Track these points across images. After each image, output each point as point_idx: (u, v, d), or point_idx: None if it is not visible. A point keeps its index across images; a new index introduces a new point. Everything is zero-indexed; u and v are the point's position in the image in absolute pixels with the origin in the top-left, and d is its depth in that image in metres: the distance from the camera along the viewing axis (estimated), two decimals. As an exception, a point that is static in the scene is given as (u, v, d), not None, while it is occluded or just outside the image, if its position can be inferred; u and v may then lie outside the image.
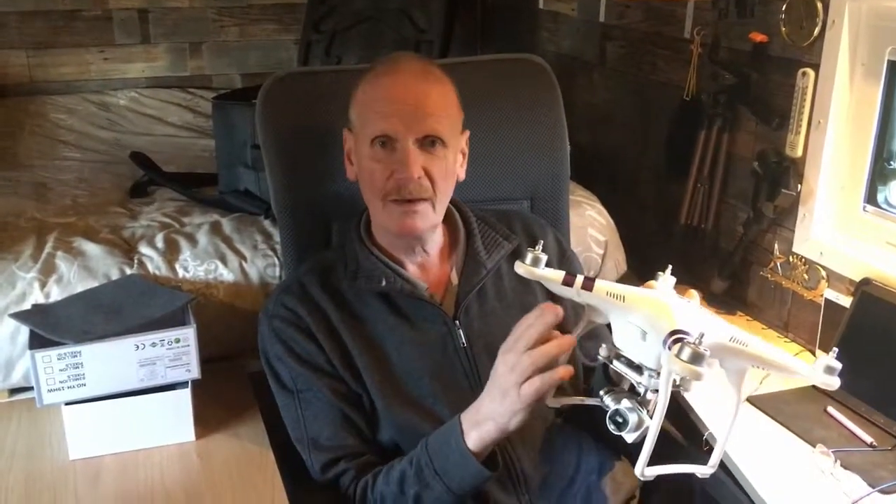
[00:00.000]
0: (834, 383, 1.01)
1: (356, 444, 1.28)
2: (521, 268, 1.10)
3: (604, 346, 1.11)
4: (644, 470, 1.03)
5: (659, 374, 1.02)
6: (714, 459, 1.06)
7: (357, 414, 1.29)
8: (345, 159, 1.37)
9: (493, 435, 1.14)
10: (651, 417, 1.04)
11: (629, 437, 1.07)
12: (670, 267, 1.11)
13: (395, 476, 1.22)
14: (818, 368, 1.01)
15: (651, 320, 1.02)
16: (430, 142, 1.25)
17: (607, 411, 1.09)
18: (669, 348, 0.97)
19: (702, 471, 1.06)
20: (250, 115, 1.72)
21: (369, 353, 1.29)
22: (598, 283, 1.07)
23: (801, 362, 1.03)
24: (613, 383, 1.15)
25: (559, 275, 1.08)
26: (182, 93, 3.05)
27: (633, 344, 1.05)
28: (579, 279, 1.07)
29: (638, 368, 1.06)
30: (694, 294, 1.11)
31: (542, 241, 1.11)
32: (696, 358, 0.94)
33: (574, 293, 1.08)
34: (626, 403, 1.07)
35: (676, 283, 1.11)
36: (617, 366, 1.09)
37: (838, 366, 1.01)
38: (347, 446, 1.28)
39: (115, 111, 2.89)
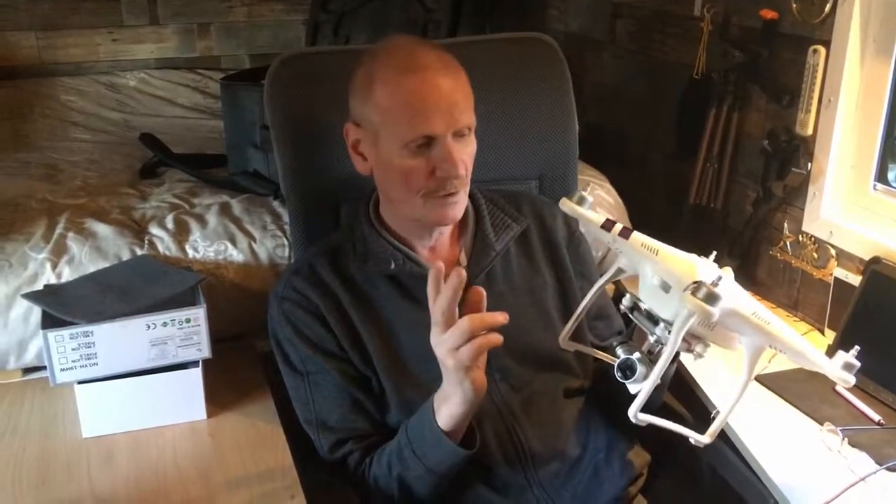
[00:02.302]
0: (850, 380, 1.01)
1: (364, 427, 1.30)
2: (565, 204, 1.12)
3: (627, 295, 1.13)
4: (637, 414, 1.04)
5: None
6: (712, 429, 1.06)
7: (365, 396, 1.30)
8: (351, 152, 1.33)
9: (461, 408, 1.15)
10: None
11: (633, 388, 1.09)
12: (714, 253, 1.12)
13: (385, 458, 1.25)
14: (836, 363, 1.01)
15: (677, 274, 1.04)
16: (462, 131, 1.25)
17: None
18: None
19: (697, 437, 1.06)
20: (258, 96, 1.72)
21: (378, 336, 1.30)
22: (635, 235, 1.09)
23: (820, 353, 1.04)
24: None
25: (600, 218, 1.10)
26: (191, 74, 3.05)
27: (655, 296, 1.07)
28: (618, 226, 1.09)
29: (655, 321, 1.08)
30: (728, 269, 1.11)
31: (590, 185, 1.11)
32: (711, 298, 0.96)
33: (610, 238, 1.10)
34: (637, 355, 1.09)
35: None
36: (636, 315, 1.11)
37: (857, 364, 1.01)
38: (356, 428, 1.29)
39: (124, 92, 2.90)
